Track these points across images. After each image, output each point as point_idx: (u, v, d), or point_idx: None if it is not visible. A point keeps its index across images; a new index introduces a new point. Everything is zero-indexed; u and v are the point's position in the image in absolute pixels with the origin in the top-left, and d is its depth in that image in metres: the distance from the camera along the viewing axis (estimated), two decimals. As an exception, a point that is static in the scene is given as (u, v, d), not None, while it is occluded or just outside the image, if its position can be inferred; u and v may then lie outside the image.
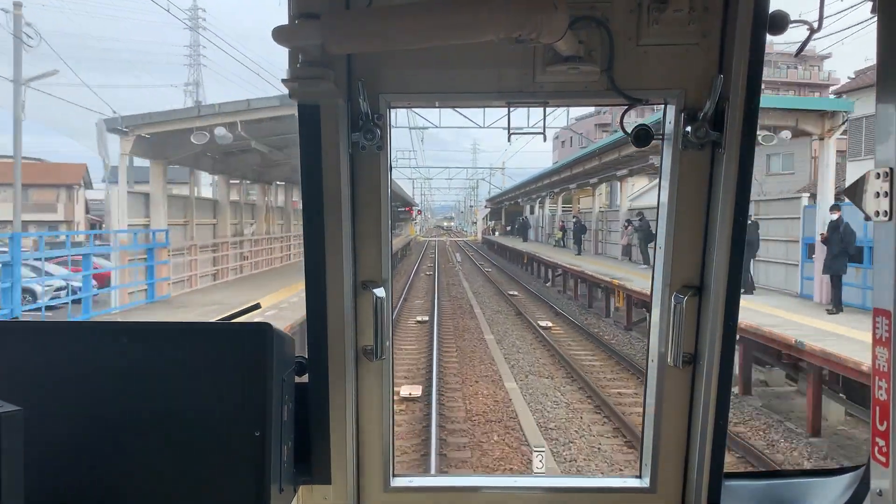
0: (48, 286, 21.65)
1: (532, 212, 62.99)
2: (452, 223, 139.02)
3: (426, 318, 23.74)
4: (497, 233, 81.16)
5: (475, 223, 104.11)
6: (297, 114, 2.21)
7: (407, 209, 73.91)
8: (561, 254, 38.41)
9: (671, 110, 2.31)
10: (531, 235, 58.85)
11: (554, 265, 34.33)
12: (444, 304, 27.71)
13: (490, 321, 23.65)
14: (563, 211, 50.27)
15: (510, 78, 2.31)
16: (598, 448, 11.34)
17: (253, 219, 30.78)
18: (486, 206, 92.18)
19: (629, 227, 31.38)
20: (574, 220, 40.14)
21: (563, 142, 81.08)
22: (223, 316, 2.37)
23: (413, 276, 39.48)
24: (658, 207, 2.44)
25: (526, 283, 35.73)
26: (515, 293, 31.50)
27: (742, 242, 2.25)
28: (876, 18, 1.79)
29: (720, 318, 2.30)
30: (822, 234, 16.50)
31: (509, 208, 78.03)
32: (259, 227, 30.71)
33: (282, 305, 17.66)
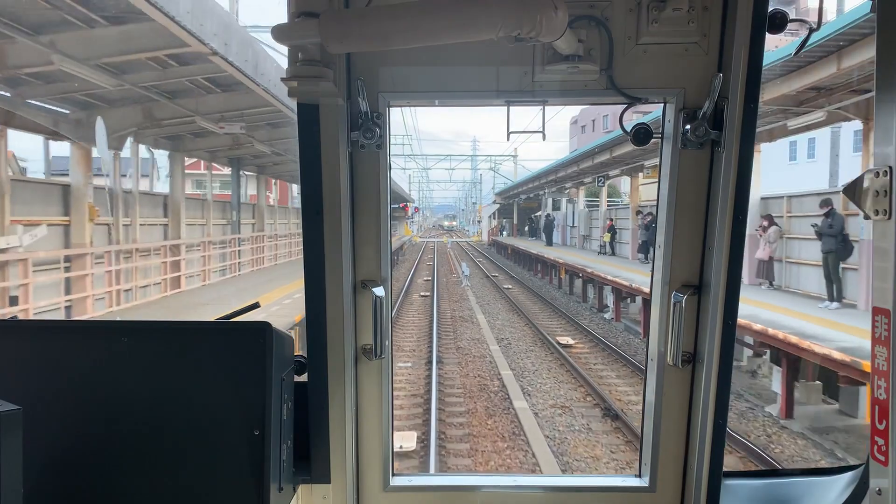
0: None
1: (557, 207, 49.38)
2: (454, 222, 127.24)
3: (410, 446, 10.17)
4: (505, 233, 68.42)
5: (479, 222, 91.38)
6: (296, 114, 2.20)
7: (402, 206, 62.34)
8: (623, 268, 24.60)
9: (670, 109, 2.32)
10: (556, 237, 45.14)
11: (636, 293, 19.99)
12: (448, 377, 14.28)
13: (560, 454, 10.11)
14: (607, 206, 36.45)
15: (509, 77, 2.32)
16: None
17: (67, 215, 16.09)
18: (494, 202, 78.33)
19: (770, 230, 18.54)
20: (647, 216, 26.02)
21: (582, 126, 72.91)
22: (222, 315, 2.30)
23: (401, 301, 25.67)
24: (657, 206, 2.45)
25: (575, 317, 22.43)
26: (569, 340, 18.23)
27: (741, 241, 2.26)
28: (875, 18, 1.78)
29: (720, 316, 2.30)
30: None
31: (523, 204, 64.42)
32: (77, 231, 15.83)
33: None
